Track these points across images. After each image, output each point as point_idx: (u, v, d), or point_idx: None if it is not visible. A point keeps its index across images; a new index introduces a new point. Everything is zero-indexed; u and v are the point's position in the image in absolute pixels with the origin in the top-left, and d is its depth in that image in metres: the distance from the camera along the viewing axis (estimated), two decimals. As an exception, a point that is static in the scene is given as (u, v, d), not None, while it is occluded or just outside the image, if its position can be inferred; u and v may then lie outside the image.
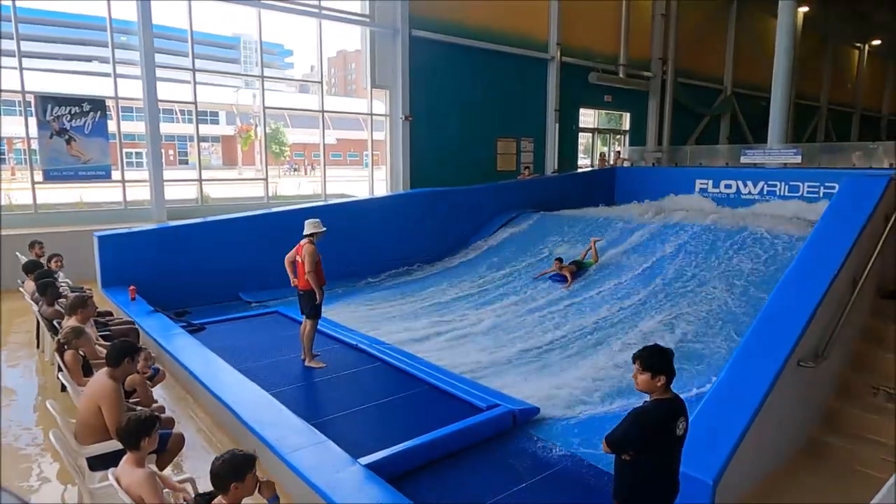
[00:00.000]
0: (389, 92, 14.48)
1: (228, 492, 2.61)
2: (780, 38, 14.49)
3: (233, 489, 2.60)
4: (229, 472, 2.60)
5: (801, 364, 4.26)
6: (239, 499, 2.65)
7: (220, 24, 62.78)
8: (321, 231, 6.36)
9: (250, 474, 2.65)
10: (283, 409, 4.63)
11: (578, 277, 9.42)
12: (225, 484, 2.60)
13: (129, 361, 3.81)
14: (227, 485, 2.60)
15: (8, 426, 4.90)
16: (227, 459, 2.63)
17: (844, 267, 4.81)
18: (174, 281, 8.83)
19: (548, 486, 4.22)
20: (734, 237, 9.30)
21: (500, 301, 9.20)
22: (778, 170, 13.29)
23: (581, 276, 9.48)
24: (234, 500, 2.64)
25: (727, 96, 23.82)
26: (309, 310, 6.40)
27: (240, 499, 2.65)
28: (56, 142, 10.46)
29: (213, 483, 2.63)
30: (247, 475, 2.64)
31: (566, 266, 9.51)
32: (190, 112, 12.33)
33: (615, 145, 20.76)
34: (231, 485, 2.60)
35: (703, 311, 7.65)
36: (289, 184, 26.07)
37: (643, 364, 2.75)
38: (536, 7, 16.79)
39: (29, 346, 6.92)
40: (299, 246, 6.38)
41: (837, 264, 4.78)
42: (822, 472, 4.30)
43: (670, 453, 2.78)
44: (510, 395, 5.51)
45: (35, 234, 8.67)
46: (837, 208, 5.65)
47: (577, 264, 9.65)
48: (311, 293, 6.31)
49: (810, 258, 5.12)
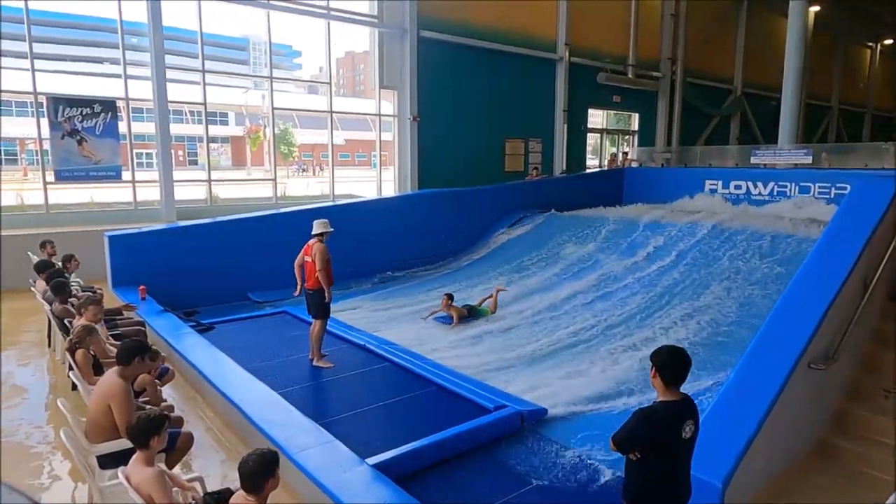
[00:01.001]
0: (397, 92, 14.50)
1: (263, 490, 2.65)
2: (791, 38, 14.39)
3: (268, 486, 2.66)
4: (265, 470, 2.65)
5: (811, 366, 4.23)
6: (268, 495, 2.70)
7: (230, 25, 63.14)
8: (329, 231, 6.40)
9: (277, 470, 2.72)
10: (291, 408, 4.65)
11: (467, 322, 8.21)
12: (261, 483, 2.64)
13: (140, 360, 3.84)
14: (264, 483, 2.64)
15: (19, 424, 4.95)
16: (258, 459, 2.66)
17: (855, 269, 4.76)
18: (183, 281, 8.89)
19: (556, 488, 4.21)
20: (744, 237, 9.25)
21: (507, 301, 9.17)
22: (788, 170, 13.19)
23: (469, 322, 8.24)
24: (265, 498, 2.68)
25: (737, 96, 23.67)
26: (316, 310, 6.43)
27: (268, 495, 2.71)
28: (67, 142, 10.55)
29: (248, 485, 2.64)
30: (276, 471, 2.70)
31: (455, 307, 8.30)
32: (199, 113, 12.40)
33: (624, 146, 20.68)
34: (267, 482, 2.65)
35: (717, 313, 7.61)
36: (297, 184, 26.18)
37: (653, 363, 2.75)
38: (545, 7, 16.75)
39: (40, 345, 6.98)
40: (308, 246, 6.42)
41: (849, 266, 4.74)
42: (831, 475, 4.27)
43: (677, 456, 2.76)
44: (518, 396, 5.50)
45: (46, 233, 8.76)
46: (849, 209, 5.60)
47: (470, 309, 8.43)
48: (319, 292, 6.34)
49: (821, 259, 5.07)
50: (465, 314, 8.29)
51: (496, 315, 8.53)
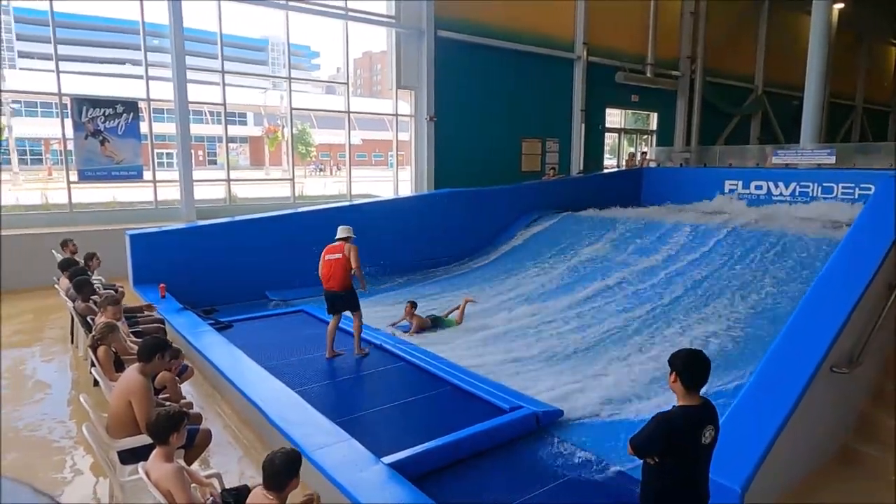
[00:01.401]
0: (414, 92, 14.53)
1: (284, 489, 2.67)
2: (814, 36, 14.15)
3: (290, 486, 2.68)
4: (289, 469, 2.67)
5: (834, 370, 4.15)
6: (288, 495, 2.72)
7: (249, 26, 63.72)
8: (353, 237, 6.60)
9: (300, 470, 2.75)
10: (308, 406, 4.68)
11: (428, 332, 7.85)
12: (284, 482, 2.66)
13: (160, 357, 3.89)
14: (286, 482, 2.67)
15: (43, 419, 5.05)
16: (283, 458, 2.68)
17: (880, 271, 4.67)
18: (202, 279, 8.99)
19: (571, 490, 4.18)
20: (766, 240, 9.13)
21: (523, 302, 9.15)
22: (811, 170, 12.97)
23: (431, 331, 7.91)
24: (285, 497, 2.70)
25: (758, 95, 23.33)
26: (353, 305, 6.63)
27: (288, 495, 2.72)
28: (91, 143, 10.74)
29: (270, 482, 2.65)
30: (298, 472, 2.73)
31: (418, 316, 7.99)
32: (219, 113, 12.55)
33: (642, 145, 20.50)
34: (290, 482, 2.68)
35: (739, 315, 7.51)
36: (314, 184, 26.35)
37: (672, 367, 2.72)
38: (562, 7, 16.67)
39: (63, 342, 7.11)
40: (333, 246, 6.50)
41: (873, 268, 4.64)
42: (854, 482, 4.18)
43: (696, 461, 2.71)
44: (534, 397, 5.48)
45: (70, 232, 8.93)
46: (873, 210, 5.49)
47: (434, 320, 8.10)
48: (350, 293, 6.54)
49: (845, 261, 4.98)
50: (428, 324, 7.96)
51: (512, 315, 8.49)
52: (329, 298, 6.62)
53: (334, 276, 6.46)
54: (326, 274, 6.51)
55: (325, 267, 6.51)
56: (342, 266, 6.43)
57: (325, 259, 6.52)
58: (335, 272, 6.45)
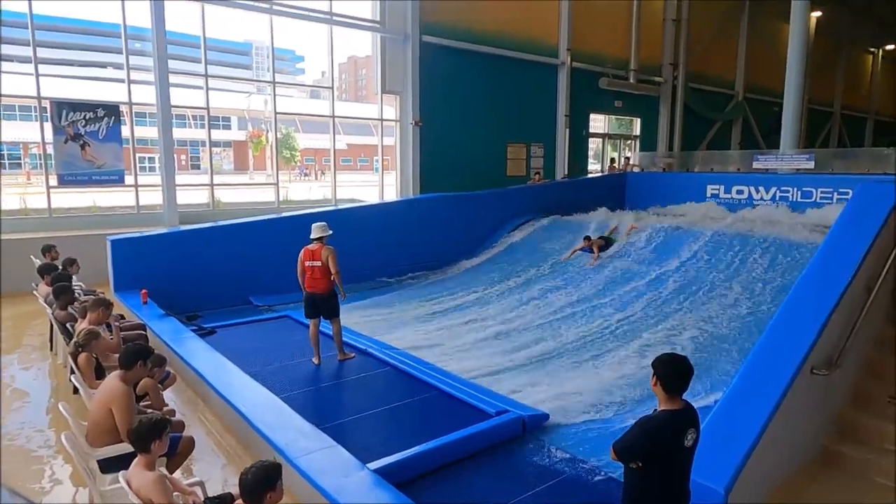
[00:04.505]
0: (400, 97, 14.54)
1: (262, 502, 2.63)
2: (793, 43, 14.38)
3: (267, 499, 2.64)
4: (263, 483, 2.63)
5: (814, 371, 4.21)
6: None
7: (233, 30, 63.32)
8: (329, 234, 6.51)
9: (279, 481, 2.70)
10: (292, 413, 4.64)
11: (603, 253, 10.26)
12: (261, 496, 2.62)
13: (142, 365, 3.84)
14: (263, 496, 2.63)
15: (21, 427, 4.95)
16: (257, 472, 2.65)
17: (858, 274, 4.75)
18: (185, 284, 8.88)
19: (556, 494, 4.19)
20: (745, 243, 9.25)
21: (510, 306, 9.17)
22: (790, 175, 13.16)
23: (606, 251, 10.31)
24: None
25: (739, 101, 23.69)
26: (330, 311, 6.59)
27: None
28: (71, 147, 10.59)
29: (247, 497, 2.63)
30: (277, 483, 2.68)
31: (595, 241, 10.40)
32: (202, 117, 12.46)
33: (626, 150, 20.70)
34: (267, 495, 2.64)
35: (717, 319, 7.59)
36: (299, 189, 26.18)
37: (653, 371, 2.73)
38: (547, 12, 16.81)
39: (42, 349, 6.99)
40: (309, 250, 6.43)
41: (851, 271, 4.72)
42: (836, 482, 4.24)
43: (679, 464, 2.73)
44: (520, 401, 5.49)
45: (50, 237, 8.78)
46: (851, 214, 5.59)
47: (605, 239, 10.50)
48: (331, 295, 6.50)
49: (824, 265, 5.06)
50: (602, 244, 10.40)
51: (499, 319, 8.49)
52: (310, 301, 6.58)
53: (316, 281, 6.45)
54: (309, 279, 6.49)
55: (306, 273, 6.49)
56: (322, 273, 6.42)
57: (306, 265, 6.48)
58: (317, 277, 6.45)
